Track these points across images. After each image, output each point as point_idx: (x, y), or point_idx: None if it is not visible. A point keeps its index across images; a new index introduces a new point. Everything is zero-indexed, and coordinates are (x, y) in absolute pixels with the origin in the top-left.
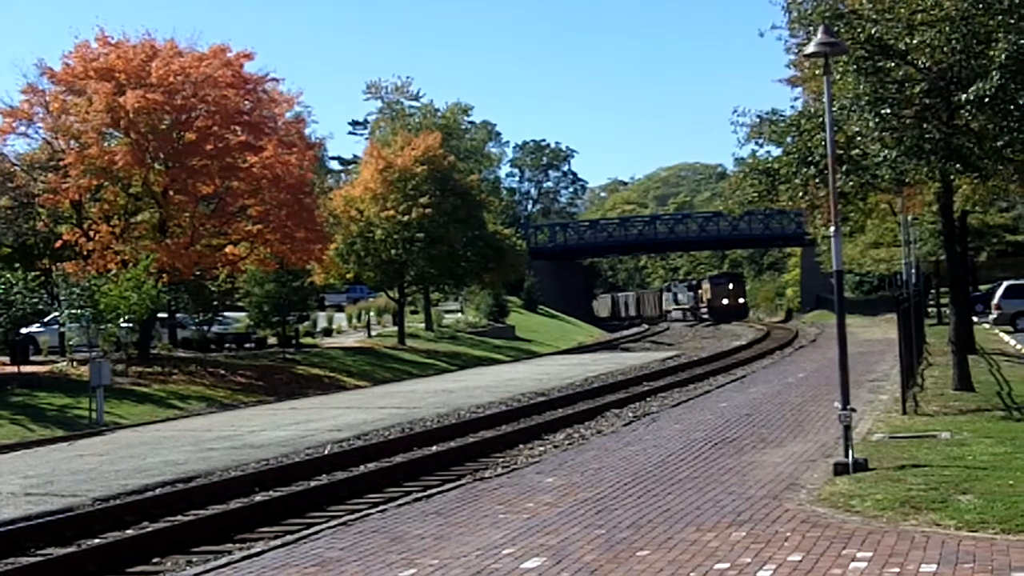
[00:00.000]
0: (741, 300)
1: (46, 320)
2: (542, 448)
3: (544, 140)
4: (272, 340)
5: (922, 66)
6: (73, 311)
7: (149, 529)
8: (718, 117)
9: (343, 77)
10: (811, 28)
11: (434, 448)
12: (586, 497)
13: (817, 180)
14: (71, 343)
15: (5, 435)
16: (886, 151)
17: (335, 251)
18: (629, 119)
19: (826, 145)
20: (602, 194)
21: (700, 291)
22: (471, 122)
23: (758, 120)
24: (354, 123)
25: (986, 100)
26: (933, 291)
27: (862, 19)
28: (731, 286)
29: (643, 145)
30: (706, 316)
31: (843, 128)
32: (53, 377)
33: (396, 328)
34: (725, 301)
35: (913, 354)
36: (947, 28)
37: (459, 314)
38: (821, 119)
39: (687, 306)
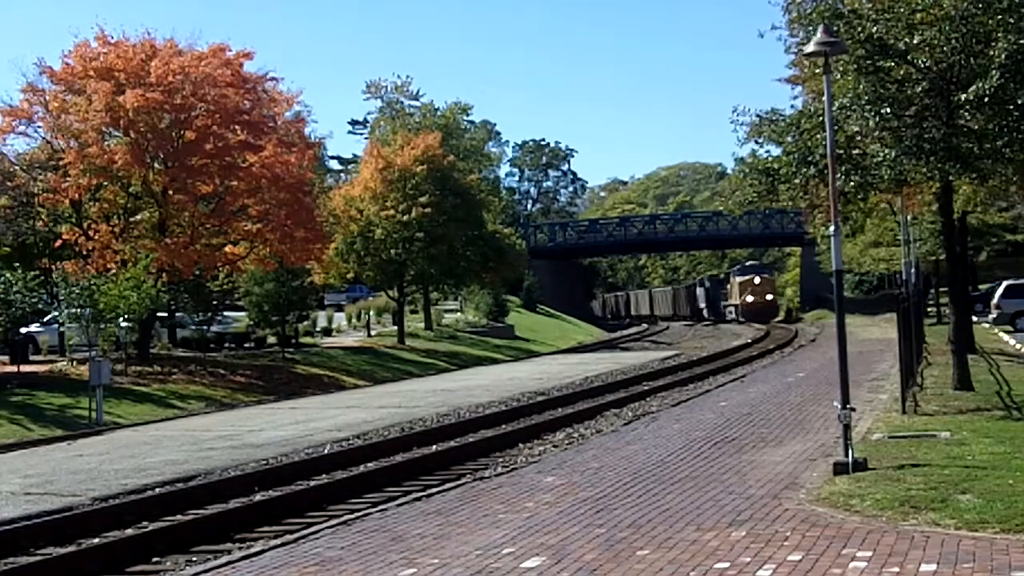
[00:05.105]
0: (770, 297)
1: (46, 320)
2: (542, 447)
3: (544, 139)
4: (272, 339)
5: (922, 65)
6: (73, 310)
7: (149, 528)
8: (718, 117)
9: (343, 76)
10: (811, 28)
11: (434, 447)
12: (586, 496)
13: (817, 180)
14: (71, 343)
15: (4, 434)
16: (886, 151)
17: (335, 250)
18: (629, 119)
19: (826, 145)
20: (602, 193)
21: (727, 287)
22: (471, 121)
23: (758, 119)
24: (354, 122)
25: (986, 100)
26: (933, 290)
27: (862, 18)
28: (757, 281)
29: (643, 145)
30: (733, 316)
31: (843, 128)
32: (52, 376)
33: (396, 327)
34: (751, 298)
35: (913, 353)
36: (947, 27)
37: (459, 313)
38: (821, 118)
39: (719, 304)
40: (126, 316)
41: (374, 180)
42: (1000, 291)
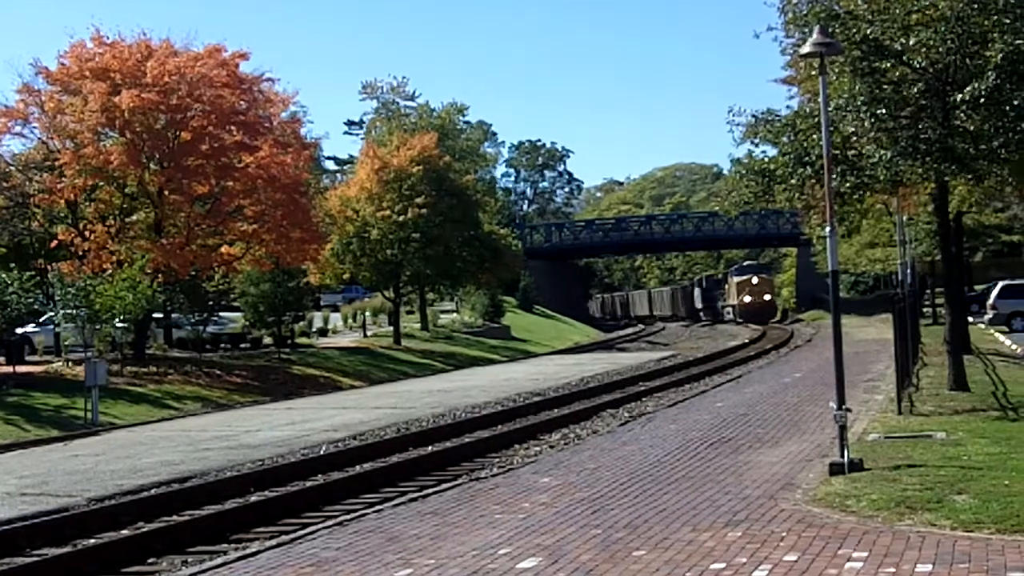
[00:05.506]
0: (768, 297)
1: (41, 320)
2: (538, 448)
3: (540, 140)
4: (268, 340)
5: (917, 66)
6: (68, 311)
7: (145, 529)
8: (714, 117)
9: (339, 77)
10: (806, 29)
11: (430, 448)
12: (582, 497)
13: (813, 181)
14: (66, 343)
15: (0, 435)
16: (882, 151)
17: (331, 251)
18: (625, 119)
19: (822, 145)
20: (598, 194)
21: (724, 288)
22: (467, 122)
23: (754, 120)
24: (350, 123)
25: (981, 100)
26: (928, 291)
27: (857, 19)
28: (755, 281)
29: (639, 145)
30: (731, 317)
31: (839, 128)
32: (48, 377)
33: (392, 328)
34: (748, 298)
35: (908, 354)
36: (942, 28)
37: (455, 314)
38: (817, 119)
39: (717, 304)
40: (122, 317)
41: (370, 181)
42: (996, 292)
